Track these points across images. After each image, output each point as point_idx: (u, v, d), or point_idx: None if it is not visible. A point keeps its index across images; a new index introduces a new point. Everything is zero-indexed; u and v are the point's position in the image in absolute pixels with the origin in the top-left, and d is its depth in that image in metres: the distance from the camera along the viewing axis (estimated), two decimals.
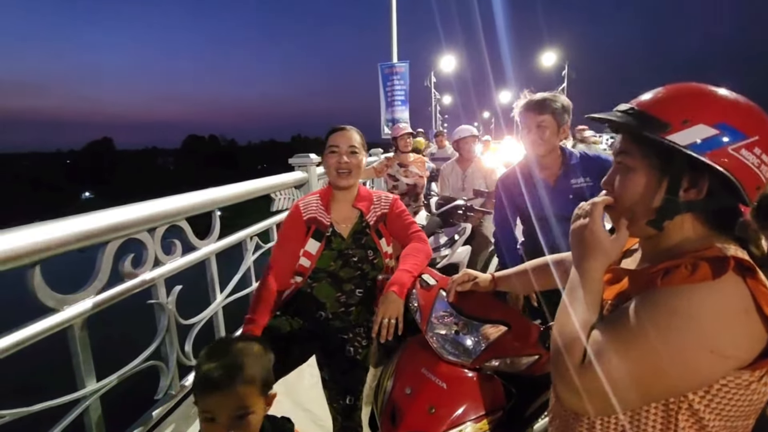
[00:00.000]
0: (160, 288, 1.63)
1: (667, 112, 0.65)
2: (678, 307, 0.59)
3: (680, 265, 0.62)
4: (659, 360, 0.59)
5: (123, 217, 1.44)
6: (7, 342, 1.08)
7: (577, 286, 0.71)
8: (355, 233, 1.50)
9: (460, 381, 1.12)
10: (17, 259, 1.08)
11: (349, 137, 1.48)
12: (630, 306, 0.64)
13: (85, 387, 1.30)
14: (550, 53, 25.47)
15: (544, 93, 1.68)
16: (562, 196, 1.70)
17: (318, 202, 1.52)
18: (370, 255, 1.50)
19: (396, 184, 3.64)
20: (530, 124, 1.65)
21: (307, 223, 1.49)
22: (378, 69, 8.32)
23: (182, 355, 1.73)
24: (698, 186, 0.65)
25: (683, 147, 0.63)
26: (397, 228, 1.54)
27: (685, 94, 0.67)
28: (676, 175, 0.66)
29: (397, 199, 1.58)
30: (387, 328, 1.23)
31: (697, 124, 0.63)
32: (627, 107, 0.71)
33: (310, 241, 1.47)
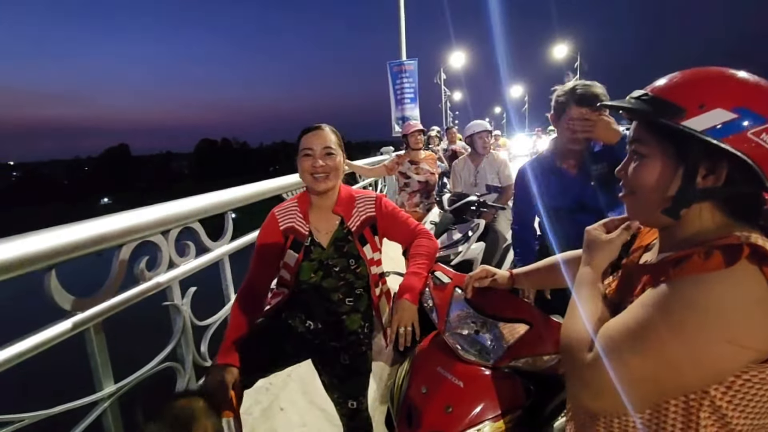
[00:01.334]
0: (174, 290, 1.64)
1: (683, 97, 0.63)
2: (689, 298, 0.57)
3: (693, 254, 0.60)
4: (672, 353, 0.57)
5: (137, 220, 1.45)
6: (25, 346, 1.09)
7: (583, 282, 0.75)
8: (336, 241, 1.38)
9: (477, 379, 1.09)
10: (33, 264, 1.09)
11: (324, 137, 1.34)
12: (641, 299, 0.63)
13: (103, 389, 1.31)
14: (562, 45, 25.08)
15: (596, 84, 1.58)
16: (583, 184, 1.66)
17: (296, 209, 1.40)
18: (352, 264, 1.39)
19: (407, 181, 3.62)
20: (576, 117, 1.56)
21: (285, 232, 1.38)
22: (387, 67, 8.31)
23: (198, 356, 1.74)
24: (716, 173, 0.62)
25: (699, 132, 0.61)
26: (392, 229, 1.45)
27: (701, 78, 0.65)
28: (693, 162, 0.63)
29: (383, 198, 1.47)
30: (404, 336, 1.19)
31: (715, 109, 0.60)
32: (641, 93, 0.69)
33: (288, 253, 1.38)
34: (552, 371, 1.12)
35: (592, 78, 1.71)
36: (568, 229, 1.65)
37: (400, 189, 3.73)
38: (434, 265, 1.38)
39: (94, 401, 1.29)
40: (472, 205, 2.93)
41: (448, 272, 1.35)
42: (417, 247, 1.40)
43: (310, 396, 2.13)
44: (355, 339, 1.45)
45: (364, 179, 4.86)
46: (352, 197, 1.43)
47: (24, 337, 1.11)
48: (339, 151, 1.36)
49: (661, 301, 0.59)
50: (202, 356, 1.78)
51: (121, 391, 1.37)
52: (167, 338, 1.61)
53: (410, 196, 3.63)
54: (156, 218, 1.52)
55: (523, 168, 1.84)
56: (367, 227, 1.41)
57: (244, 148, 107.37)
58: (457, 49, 21.80)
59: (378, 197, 1.45)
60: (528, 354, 1.12)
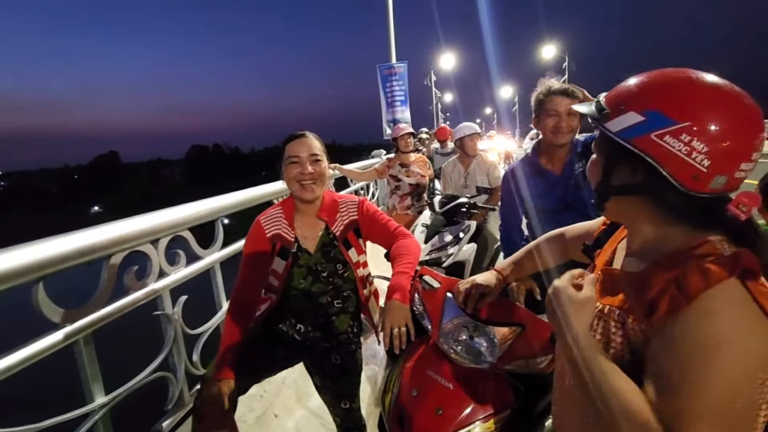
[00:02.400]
0: (165, 299, 1.64)
1: (613, 100, 0.67)
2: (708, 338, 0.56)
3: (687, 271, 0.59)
4: (728, 396, 0.55)
5: (125, 230, 1.44)
6: (13, 360, 1.08)
7: (589, 354, 0.64)
8: (323, 246, 1.41)
9: (466, 381, 1.11)
10: (20, 276, 1.09)
11: (310, 144, 1.35)
12: (664, 359, 0.59)
13: (94, 401, 1.30)
14: (550, 46, 25.35)
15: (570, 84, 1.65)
16: (567, 184, 1.69)
17: (281, 217, 1.41)
18: (340, 269, 1.42)
19: (398, 184, 3.64)
20: (560, 110, 1.60)
21: (271, 240, 1.39)
22: (377, 70, 8.33)
23: (190, 365, 1.73)
24: (636, 173, 0.66)
25: (612, 133, 0.65)
26: (374, 231, 1.45)
27: (633, 82, 0.67)
28: (610, 160, 0.69)
29: (365, 201, 1.48)
30: (399, 338, 1.16)
31: (629, 111, 0.64)
32: (597, 98, 0.73)
33: (276, 260, 1.39)
34: (542, 372, 1.13)
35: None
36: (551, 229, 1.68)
37: (391, 192, 3.75)
38: (422, 269, 1.39)
39: (85, 413, 1.28)
40: (463, 207, 2.95)
41: (437, 276, 1.35)
42: (399, 247, 1.39)
43: (304, 402, 2.13)
44: (345, 338, 1.47)
45: (355, 183, 4.87)
46: (335, 202, 1.44)
47: (12, 350, 1.10)
48: (324, 157, 1.37)
49: (683, 355, 0.57)
50: (195, 365, 1.77)
51: (113, 402, 1.36)
52: (159, 347, 1.61)
53: (401, 198, 3.65)
54: (145, 228, 1.51)
55: (509, 170, 1.87)
56: (351, 231, 1.43)
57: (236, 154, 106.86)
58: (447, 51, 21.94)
59: (360, 201, 1.47)
60: (521, 356, 1.13)
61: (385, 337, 1.18)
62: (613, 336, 0.68)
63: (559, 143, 1.66)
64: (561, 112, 1.60)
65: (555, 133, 1.64)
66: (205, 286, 2.00)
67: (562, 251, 1.11)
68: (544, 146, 1.74)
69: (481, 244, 2.98)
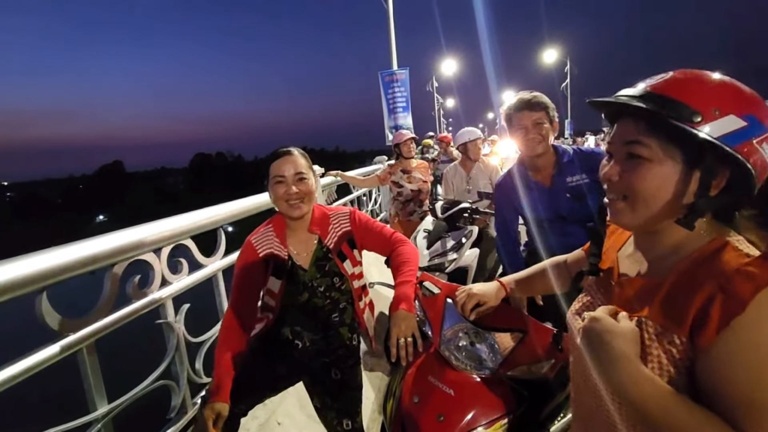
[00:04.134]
0: (168, 307, 1.64)
1: (697, 100, 0.60)
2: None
3: (734, 275, 0.57)
4: None
5: (127, 239, 1.45)
6: (16, 370, 1.09)
7: (648, 392, 0.58)
8: (317, 261, 1.40)
9: (468, 387, 1.10)
10: (24, 287, 1.10)
11: (294, 163, 1.33)
12: (731, 375, 0.55)
13: (97, 410, 1.30)
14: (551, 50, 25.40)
15: (529, 92, 1.66)
16: (558, 196, 1.68)
17: (272, 235, 1.39)
18: (336, 282, 1.41)
19: (400, 190, 3.64)
20: (526, 123, 1.63)
21: (264, 260, 1.37)
22: (379, 77, 8.38)
23: (193, 373, 1.73)
24: (718, 180, 0.61)
25: (716, 139, 0.58)
26: (370, 240, 1.44)
27: (711, 81, 0.62)
28: (710, 169, 0.60)
29: (355, 211, 1.47)
30: (405, 348, 1.14)
31: (728, 115, 0.59)
32: (640, 91, 0.65)
33: (271, 279, 1.37)
34: (545, 377, 1.13)
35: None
36: (550, 238, 1.68)
37: (393, 198, 3.75)
38: (423, 275, 1.39)
39: (88, 422, 1.29)
40: (465, 212, 2.95)
41: (438, 282, 1.35)
42: (399, 255, 1.38)
43: (308, 410, 2.12)
44: (344, 352, 1.45)
45: (357, 189, 4.88)
46: (325, 215, 1.43)
47: (15, 360, 1.10)
48: (310, 173, 1.36)
49: (748, 365, 0.54)
50: (197, 373, 1.77)
51: (116, 411, 1.37)
52: (161, 356, 1.61)
53: (404, 205, 3.65)
54: (147, 237, 1.52)
55: (499, 182, 1.87)
56: (345, 242, 1.41)
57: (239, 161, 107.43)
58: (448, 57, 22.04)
59: (351, 211, 1.46)
60: (523, 362, 1.13)
61: (392, 347, 1.16)
62: (650, 350, 0.63)
63: (533, 154, 1.68)
64: (527, 125, 1.63)
65: (527, 146, 1.66)
66: (208, 294, 2.01)
67: (569, 279, 1.08)
68: (525, 159, 1.76)
69: (483, 249, 2.97)
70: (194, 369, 1.75)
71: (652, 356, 0.62)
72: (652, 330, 0.63)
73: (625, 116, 0.68)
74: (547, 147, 1.67)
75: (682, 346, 0.60)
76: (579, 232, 1.67)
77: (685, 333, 0.59)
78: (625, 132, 0.67)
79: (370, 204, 5.55)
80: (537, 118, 1.61)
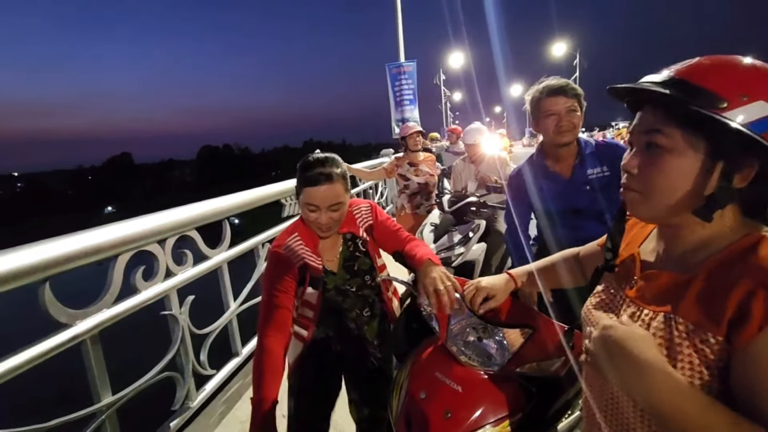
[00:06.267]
0: (172, 299, 1.64)
1: (723, 85, 0.55)
2: None
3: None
4: None
5: (132, 229, 1.44)
6: (20, 359, 1.08)
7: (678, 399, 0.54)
8: (345, 262, 1.35)
9: (476, 384, 1.08)
10: (26, 276, 1.09)
11: (332, 193, 1.18)
12: None
13: (101, 401, 1.30)
14: (561, 43, 25.06)
15: (558, 77, 1.61)
16: (577, 188, 1.63)
17: (301, 243, 1.29)
18: (368, 280, 1.38)
19: (407, 183, 3.61)
20: (559, 109, 1.56)
21: (300, 270, 1.27)
22: (386, 69, 8.32)
23: (198, 365, 1.73)
24: (746, 171, 0.57)
25: (744, 126, 0.54)
26: (385, 236, 1.39)
27: (738, 65, 0.57)
28: (733, 158, 0.56)
29: (376, 206, 1.41)
30: (447, 294, 1.08)
31: (757, 101, 0.54)
32: (664, 77, 0.60)
33: (308, 291, 1.29)
34: (554, 374, 1.10)
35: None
36: (561, 232, 1.64)
37: (399, 191, 3.72)
38: None
39: (93, 413, 1.29)
40: (472, 206, 2.91)
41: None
42: (415, 245, 1.34)
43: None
44: (379, 343, 1.45)
45: (364, 182, 4.85)
46: (350, 211, 1.34)
47: (20, 350, 1.10)
48: (346, 196, 1.23)
49: None
50: (202, 365, 1.77)
51: (120, 402, 1.36)
52: (164, 347, 1.61)
53: (410, 198, 3.62)
54: (151, 228, 1.51)
55: (515, 172, 1.82)
56: (370, 236, 1.37)
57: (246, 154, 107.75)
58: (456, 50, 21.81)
59: (372, 205, 1.41)
60: (532, 359, 1.10)
61: (429, 297, 1.10)
62: (680, 349, 0.58)
63: (563, 142, 1.61)
64: (560, 111, 1.56)
65: (557, 133, 1.59)
66: (213, 286, 2.00)
67: (580, 273, 1.05)
68: (547, 147, 1.70)
69: (491, 243, 2.94)
70: (199, 361, 1.75)
71: (682, 356, 0.58)
72: (683, 328, 0.59)
73: (647, 104, 0.64)
74: (575, 136, 1.61)
75: (717, 346, 0.56)
76: (591, 227, 1.63)
77: (722, 332, 0.55)
78: (646, 121, 0.63)
79: (377, 197, 5.53)
80: (570, 104, 1.55)
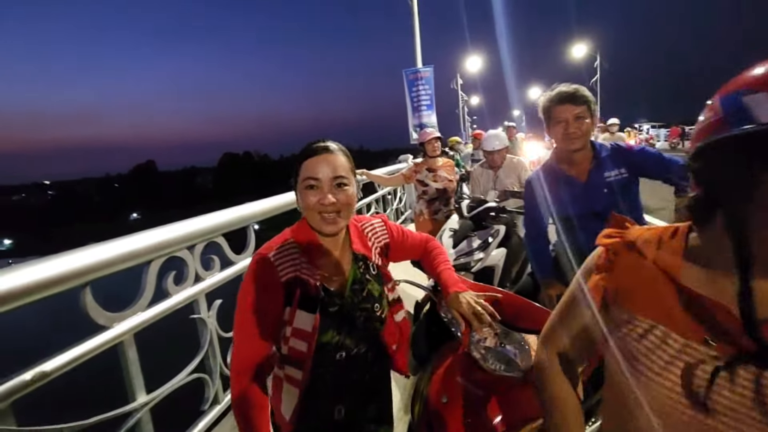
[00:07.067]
0: (201, 303, 1.70)
1: None
2: None
3: None
4: None
5: (164, 236, 1.51)
6: (65, 359, 1.15)
7: None
8: (353, 284, 1.05)
9: (497, 389, 1.09)
10: (69, 281, 1.16)
11: (333, 163, 0.97)
12: None
13: (136, 400, 1.36)
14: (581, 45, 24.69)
15: (569, 84, 1.62)
16: (595, 191, 1.64)
17: (296, 252, 1.01)
18: (377, 309, 1.07)
19: (425, 189, 3.62)
20: (567, 117, 1.59)
21: (286, 286, 0.97)
22: (403, 75, 8.37)
23: (225, 368, 1.79)
24: None
25: None
26: (404, 251, 1.23)
27: None
28: None
29: (386, 219, 1.22)
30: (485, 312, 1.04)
31: None
32: None
33: (299, 315, 0.97)
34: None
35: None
36: (580, 237, 1.64)
37: (418, 197, 3.74)
38: None
39: (129, 411, 1.35)
40: (492, 211, 2.91)
41: (466, 282, 1.34)
42: (433, 249, 1.26)
43: None
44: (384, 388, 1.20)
45: (382, 188, 4.89)
46: (358, 228, 1.14)
47: (65, 349, 1.17)
48: (352, 178, 1.02)
49: None
50: (229, 367, 1.82)
51: (153, 401, 1.43)
52: (191, 351, 1.66)
53: (428, 203, 3.64)
54: (182, 234, 1.58)
55: (531, 177, 1.84)
56: (383, 257, 1.15)
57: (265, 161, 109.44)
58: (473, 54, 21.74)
59: (384, 219, 1.21)
60: None
61: (471, 322, 1.06)
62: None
63: (572, 149, 1.63)
64: (568, 119, 1.58)
65: (566, 140, 1.62)
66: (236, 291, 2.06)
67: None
68: (561, 153, 1.72)
69: (511, 248, 2.93)
70: (226, 363, 1.81)
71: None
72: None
73: None
74: (586, 142, 1.63)
75: None
76: None
77: None
78: None
79: (395, 203, 5.56)
80: (578, 112, 1.57)
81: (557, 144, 1.69)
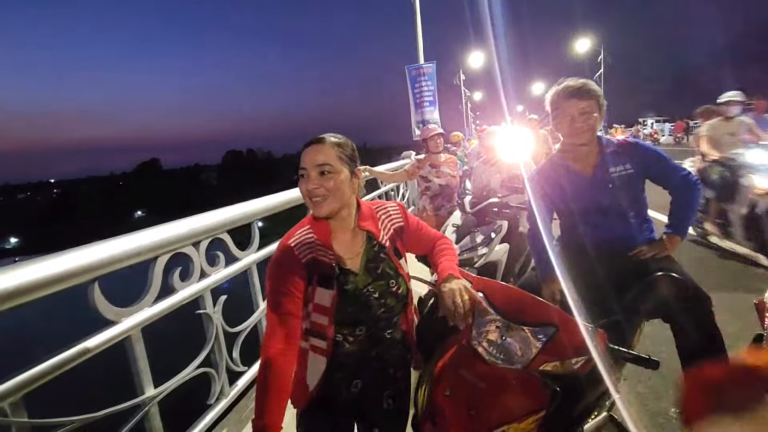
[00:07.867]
0: (206, 298, 1.72)
1: None
2: None
3: None
4: None
5: (170, 233, 1.53)
6: (74, 351, 1.18)
7: None
8: (368, 263, 1.16)
9: (499, 381, 1.10)
10: (79, 276, 1.19)
11: (319, 153, 1.09)
12: None
13: (144, 393, 1.39)
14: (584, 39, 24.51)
15: (581, 78, 1.62)
16: (601, 186, 1.64)
17: (313, 237, 1.13)
18: (392, 285, 1.17)
19: (428, 185, 3.63)
20: (573, 112, 1.58)
21: (307, 267, 1.10)
22: (405, 71, 8.36)
23: (230, 362, 1.81)
24: None
25: None
26: (417, 240, 1.30)
27: None
28: None
29: (404, 206, 1.30)
30: (463, 308, 1.09)
31: None
32: None
33: (319, 291, 1.11)
34: (577, 373, 1.11)
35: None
36: (585, 231, 1.64)
37: (421, 193, 3.75)
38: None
39: (137, 404, 1.37)
40: (494, 207, 2.92)
41: (469, 276, 1.35)
42: (442, 244, 1.32)
43: None
44: (401, 375, 1.28)
45: (385, 184, 4.90)
46: (371, 209, 1.24)
47: (74, 343, 1.20)
48: (340, 166, 1.10)
49: None
50: (234, 362, 1.85)
51: (161, 395, 1.45)
52: (195, 346, 1.69)
53: (431, 199, 3.65)
54: (187, 231, 1.60)
55: (534, 172, 1.83)
56: (398, 239, 1.24)
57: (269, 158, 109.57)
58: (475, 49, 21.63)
59: (401, 206, 1.29)
60: (555, 358, 1.11)
61: (446, 310, 1.10)
62: None
63: (578, 143, 1.63)
64: (573, 114, 1.58)
65: (572, 135, 1.62)
66: (244, 286, 2.09)
67: None
68: (567, 147, 1.71)
69: (514, 244, 2.93)
70: (232, 358, 1.83)
71: None
72: None
73: None
74: (593, 137, 1.62)
75: None
76: (615, 226, 1.63)
77: None
78: None
79: (398, 199, 5.57)
80: (585, 106, 1.56)
81: (563, 138, 1.69)
